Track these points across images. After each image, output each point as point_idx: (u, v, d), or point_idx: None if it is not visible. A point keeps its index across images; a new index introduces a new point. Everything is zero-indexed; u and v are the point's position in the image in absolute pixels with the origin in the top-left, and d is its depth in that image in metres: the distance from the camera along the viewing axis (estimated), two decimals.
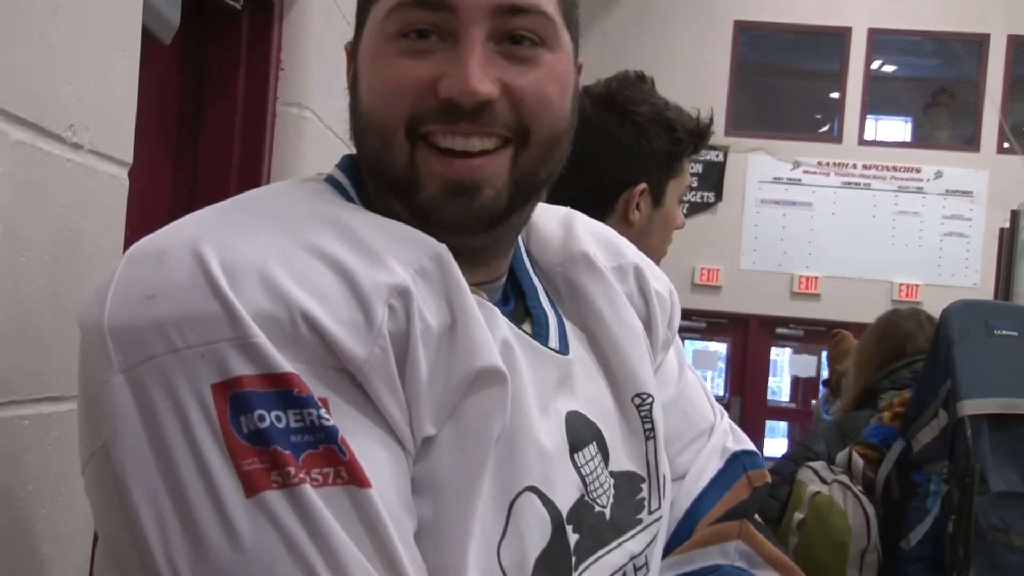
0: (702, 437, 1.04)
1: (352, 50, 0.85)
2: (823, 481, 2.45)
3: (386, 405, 0.72)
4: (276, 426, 0.67)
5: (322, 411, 0.68)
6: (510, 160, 0.81)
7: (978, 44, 9.52)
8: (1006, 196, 7.93)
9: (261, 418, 0.66)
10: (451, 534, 0.73)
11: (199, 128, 1.82)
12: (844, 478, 2.44)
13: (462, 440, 0.75)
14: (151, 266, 0.70)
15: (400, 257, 0.74)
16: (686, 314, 8.39)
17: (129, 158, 1.20)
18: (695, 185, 9.86)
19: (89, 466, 0.71)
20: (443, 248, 0.76)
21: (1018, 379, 2.29)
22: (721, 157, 9.48)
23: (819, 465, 2.51)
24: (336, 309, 0.70)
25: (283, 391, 0.67)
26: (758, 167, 9.75)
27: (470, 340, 0.75)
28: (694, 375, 1.09)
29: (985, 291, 7.61)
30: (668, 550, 0.98)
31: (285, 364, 0.67)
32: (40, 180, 0.98)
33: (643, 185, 1.62)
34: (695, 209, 9.55)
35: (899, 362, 2.71)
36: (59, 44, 1.01)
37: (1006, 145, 9.58)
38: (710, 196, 9.55)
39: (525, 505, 0.78)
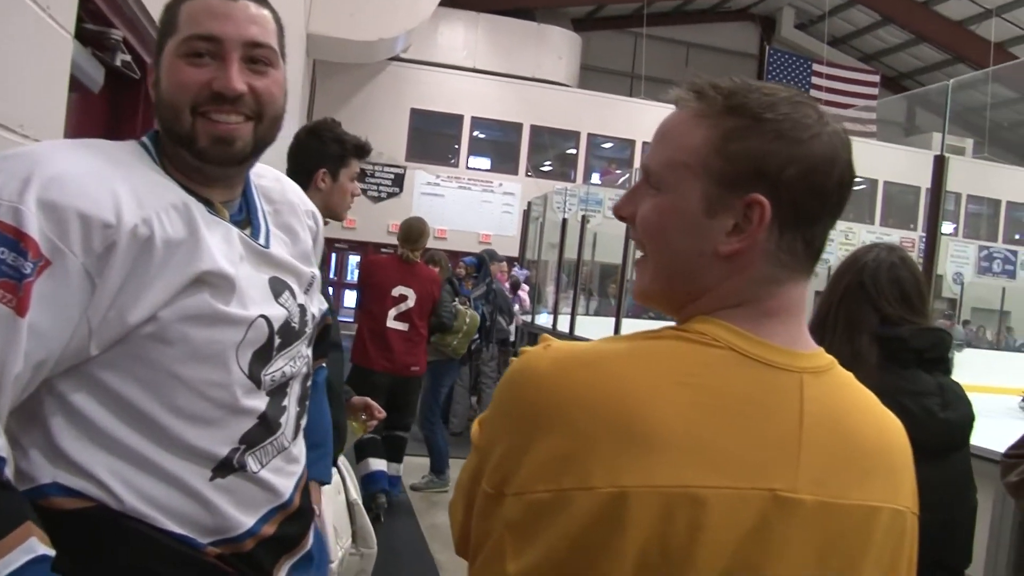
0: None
1: (155, 64, 1.11)
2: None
3: (109, 284, 0.94)
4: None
5: (29, 265, 0.88)
6: (252, 129, 1.10)
7: (519, 126, 15.33)
8: (527, 195, 13.13)
9: None
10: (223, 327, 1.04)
11: (109, 133, 2.20)
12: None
13: (213, 297, 1.02)
14: (7, 158, 0.96)
15: (153, 199, 1.00)
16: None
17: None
18: (389, 185, 14.22)
19: None
20: (188, 198, 1.04)
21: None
22: (403, 171, 14.69)
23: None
24: (100, 214, 0.92)
25: (15, 241, 0.88)
26: (420, 176, 15.00)
27: (200, 249, 1.02)
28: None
29: (517, 238, 12.22)
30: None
31: (32, 231, 0.89)
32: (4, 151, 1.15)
33: (324, 169, 2.26)
34: (391, 196, 14.13)
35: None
36: (25, 86, 1.38)
37: (529, 173, 15.49)
38: (396, 190, 14.61)
39: (260, 323, 1.10)
